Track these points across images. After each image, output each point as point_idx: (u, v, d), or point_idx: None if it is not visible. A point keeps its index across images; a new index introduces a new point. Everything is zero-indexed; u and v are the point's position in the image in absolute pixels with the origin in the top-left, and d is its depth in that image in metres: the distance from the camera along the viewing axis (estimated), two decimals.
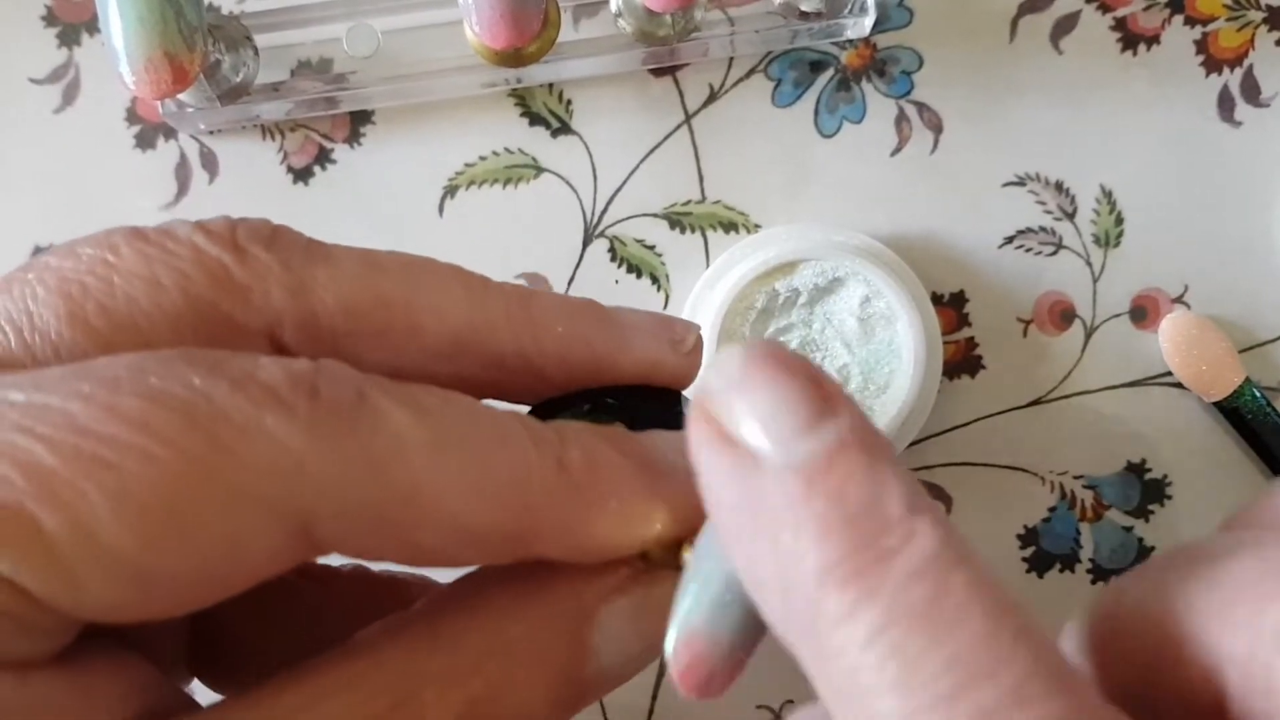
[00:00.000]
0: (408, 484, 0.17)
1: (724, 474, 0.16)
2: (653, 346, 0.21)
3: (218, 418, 0.16)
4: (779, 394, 0.16)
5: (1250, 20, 0.34)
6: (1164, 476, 0.34)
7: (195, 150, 0.33)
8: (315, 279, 0.19)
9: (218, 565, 0.16)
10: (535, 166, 0.33)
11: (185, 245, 0.19)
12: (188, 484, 0.15)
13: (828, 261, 0.31)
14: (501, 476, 0.17)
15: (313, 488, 0.16)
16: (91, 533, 0.15)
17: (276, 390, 0.16)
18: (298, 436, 0.16)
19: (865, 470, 0.15)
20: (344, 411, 0.16)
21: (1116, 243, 0.34)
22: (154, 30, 0.27)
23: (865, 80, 0.34)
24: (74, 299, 0.18)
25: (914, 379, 0.31)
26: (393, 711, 0.17)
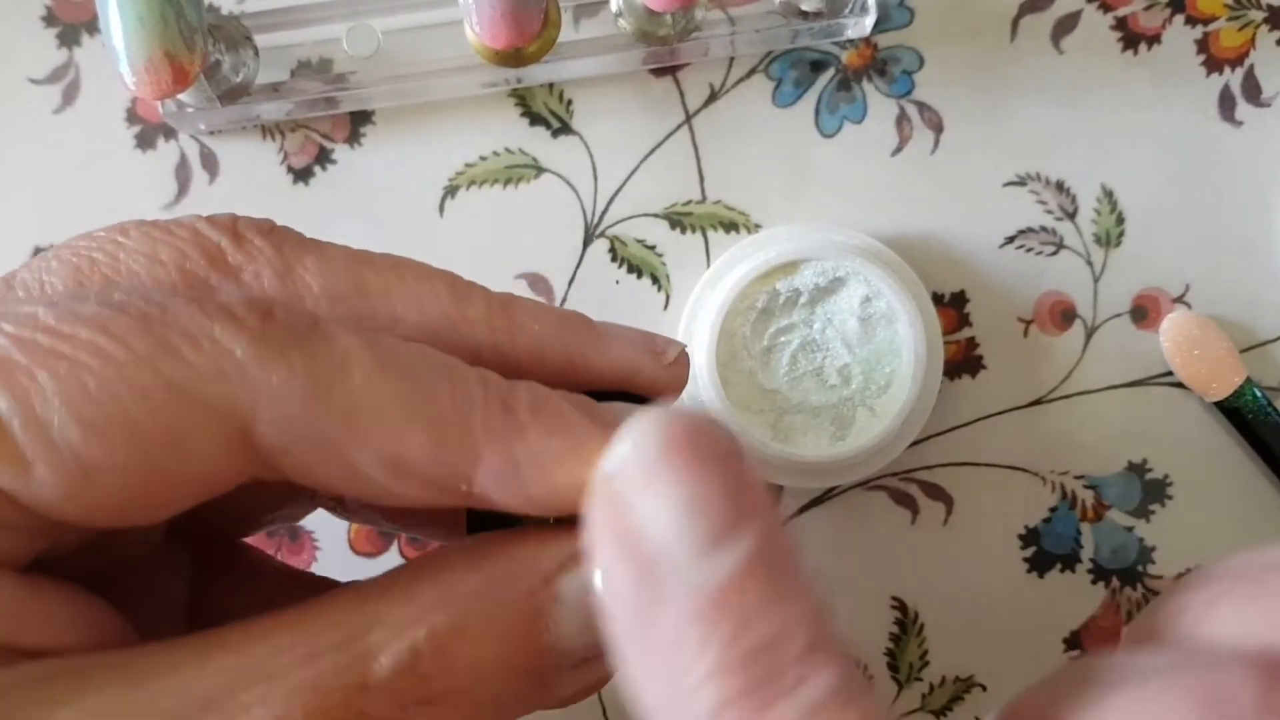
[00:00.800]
0: (346, 401, 0.17)
1: (623, 574, 0.16)
2: (631, 353, 0.22)
3: (170, 325, 0.17)
4: (692, 494, 0.15)
5: (1251, 20, 0.34)
6: (1165, 476, 0.34)
7: (195, 150, 0.33)
8: (304, 264, 0.20)
9: (159, 461, 0.17)
10: (536, 166, 0.33)
11: (187, 229, 0.20)
12: (133, 378, 0.16)
13: (828, 261, 0.31)
14: (443, 406, 0.18)
15: (252, 393, 0.17)
16: (40, 417, 0.16)
17: (231, 308, 0.17)
18: (244, 346, 0.17)
19: (771, 602, 0.15)
20: (295, 330, 0.17)
21: (1117, 242, 0.34)
22: (154, 30, 0.27)
23: (866, 80, 0.34)
24: (82, 271, 0.19)
25: (915, 379, 0.31)
26: (336, 650, 0.17)
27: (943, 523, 0.33)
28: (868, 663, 0.33)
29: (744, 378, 0.31)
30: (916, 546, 0.33)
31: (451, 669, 0.17)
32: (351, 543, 0.33)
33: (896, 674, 0.33)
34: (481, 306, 0.21)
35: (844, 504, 0.33)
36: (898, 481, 0.33)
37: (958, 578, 0.33)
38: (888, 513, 0.33)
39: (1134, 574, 0.34)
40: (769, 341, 0.32)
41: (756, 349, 0.32)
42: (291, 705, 0.16)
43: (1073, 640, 0.33)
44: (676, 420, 0.16)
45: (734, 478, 0.16)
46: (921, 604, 0.33)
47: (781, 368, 0.32)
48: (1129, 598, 0.34)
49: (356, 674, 0.17)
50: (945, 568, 0.33)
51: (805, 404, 0.32)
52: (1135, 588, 0.34)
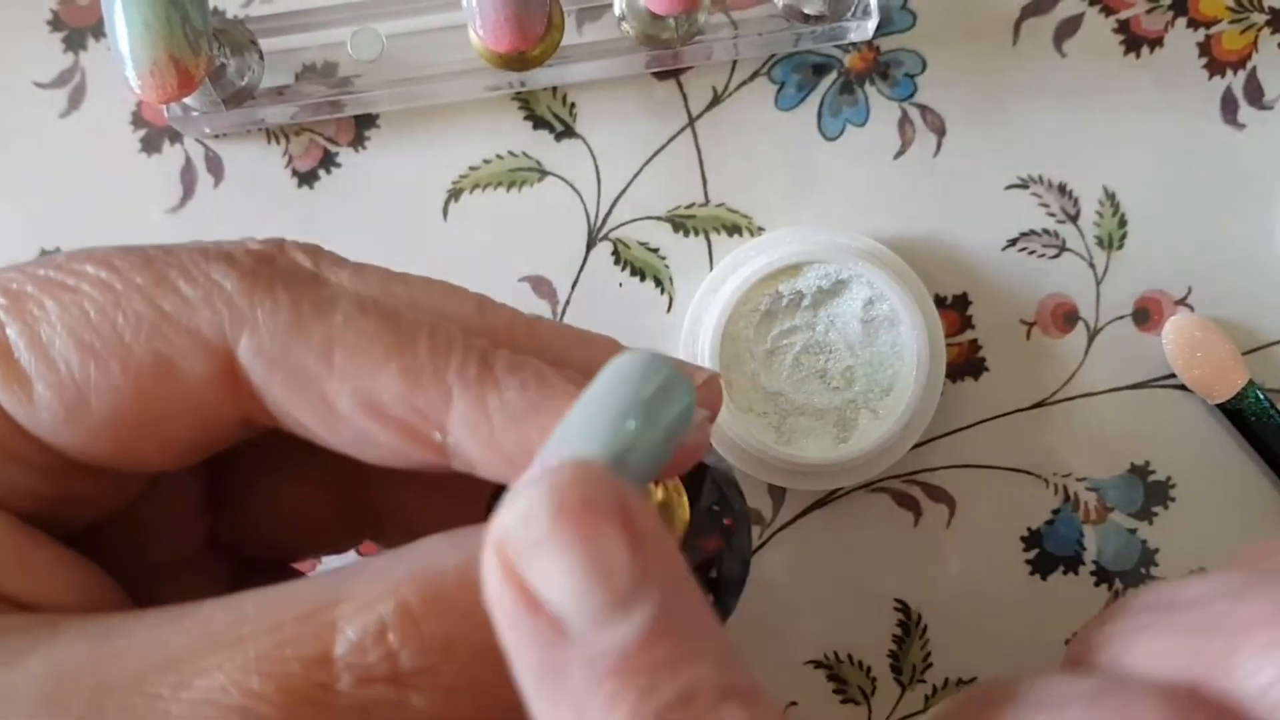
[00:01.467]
0: (325, 335, 0.18)
1: (526, 639, 0.15)
2: None
3: (171, 263, 0.18)
4: (587, 564, 0.15)
5: (1253, 23, 0.34)
6: (1167, 479, 0.34)
7: (200, 154, 0.33)
8: (340, 276, 0.20)
9: (150, 385, 0.18)
10: (539, 170, 0.34)
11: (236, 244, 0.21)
12: (128, 305, 0.18)
13: (831, 264, 0.31)
14: (420, 348, 0.18)
15: (238, 321, 0.18)
16: (43, 340, 0.18)
17: (231, 252, 0.19)
18: (234, 280, 0.18)
19: (677, 661, 0.15)
20: (289, 272, 0.19)
21: (1119, 245, 0.34)
22: (159, 35, 0.27)
23: (868, 83, 0.34)
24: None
25: (917, 381, 0.31)
26: (300, 621, 0.16)
27: (945, 525, 0.33)
28: (871, 665, 0.33)
29: (747, 380, 0.32)
30: (919, 549, 0.33)
31: (421, 645, 0.16)
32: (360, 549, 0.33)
33: (899, 676, 0.33)
34: (505, 321, 0.21)
35: (847, 506, 0.33)
36: (900, 484, 0.33)
37: (960, 580, 0.33)
38: (890, 515, 0.33)
39: (1137, 576, 0.34)
40: (772, 344, 0.32)
41: (760, 351, 0.32)
42: (249, 672, 0.16)
43: None
44: (567, 484, 0.15)
45: (629, 539, 0.15)
46: (924, 606, 0.33)
47: (785, 370, 0.32)
48: None
49: (320, 645, 0.16)
50: (948, 570, 0.33)
51: (808, 406, 0.32)
52: (1138, 590, 0.34)
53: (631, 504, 0.15)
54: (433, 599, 0.17)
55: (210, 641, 0.16)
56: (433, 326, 0.19)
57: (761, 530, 0.33)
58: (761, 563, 0.33)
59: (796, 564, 0.33)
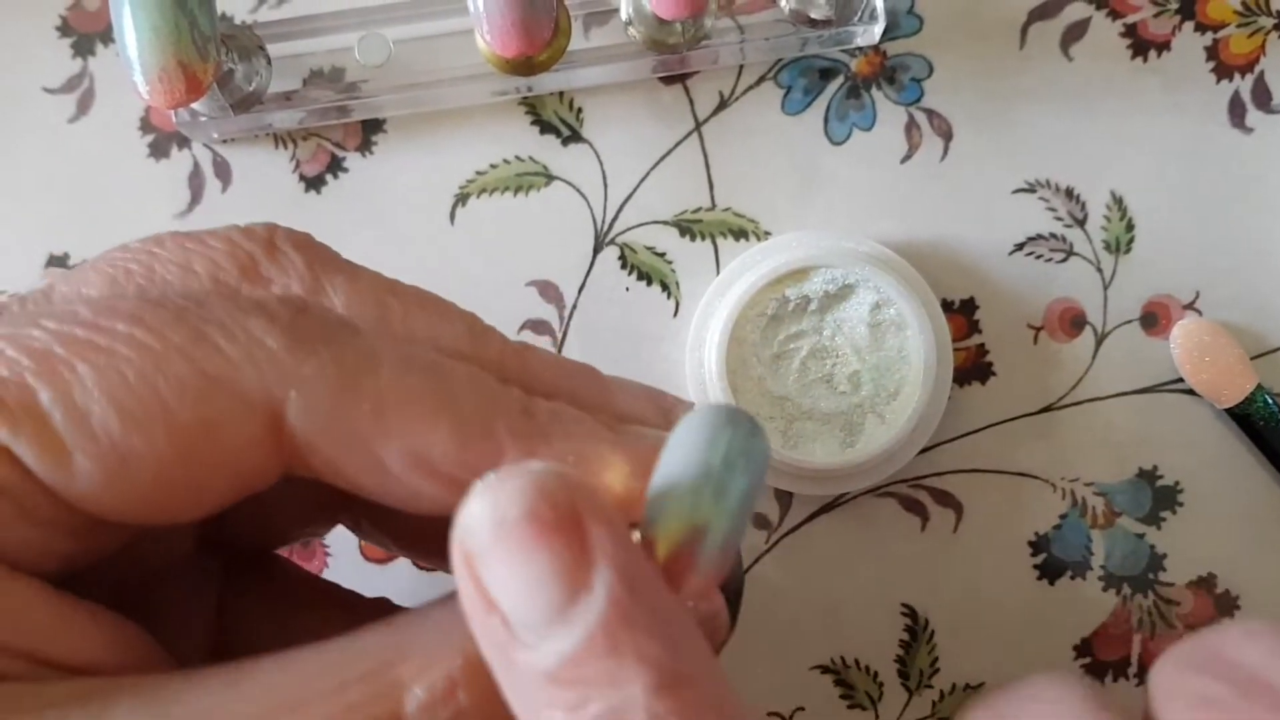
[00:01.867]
0: (374, 392, 0.17)
1: (484, 635, 0.16)
2: (638, 407, 0.22)
3: (206, 318, 0.17)
4: (529, 571, 0.15)
5: (1261, 26, 0.34)
6: (1175, 483, 0.34)
7: (208, 159, 0.33)
8: (333, 283, 0.20)
9: (195, 449, 0.17)
10: (546, 174, 0.34)
11: (222, 240, 0.20)
12: (169, 367, 0.17)
13: (838, 268, 0.31)
14: (467, 403, 0.18)
15: (284, 382, 0.17)
16: (81, 406, 0.16)
17: (264, 303, 0.18)
18: (276, 336, 0.17)
19: (610, 677, 0.15)
20: (325, 326, 0.18)
21: (1127, 249, 0.34)
22: (168, 40, 0.28)
23: (875, 87, 0.34)
24: (118, 282, 0.20)
25: (924, 386, 0.31)
26: (364, 680, 0.17)
27: (953, 530, 0.33)
28: (878, 670, 0.33)
29: (754, 384, 0.31)
30: (926, 553, 0.33)
31: (485, 698, 0.17)
32: (363, 549, 0.33)
33: (906, 681, 0.33)
34: (497, 349, 0.21)
35: (853, 511, 0.33)
36: (907, 488, 0.33)
37: (968, 585, 0.33)
38: (897, 520, 0.33)
39: (1145, 581, 0.34)
40: (779, 348, 0.32)
41: (766, 356, 0.32)
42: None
43: (1083, 648, 0.33)
44: (516, 489, 0.16)
45: (573, 549, 0.15)
46: (932, 611, 0.33)
47: (791, 374, 0.32)
48: (1140, 605, 0.34)
49: (388, 705, 0.17)
50: (955, 575, 0.33)
51: (815, 411, 0.32)
52: (1146, 595, 0.33)
53: (574, 510, 0.16)
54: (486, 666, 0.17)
55: (275, 706, 0.17)
56: (474, 377, 0.18)
57: (768, 535, 0.33)
58: (768, 568, 0.33)
59: (803, 569, 0.33)
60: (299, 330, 0.18)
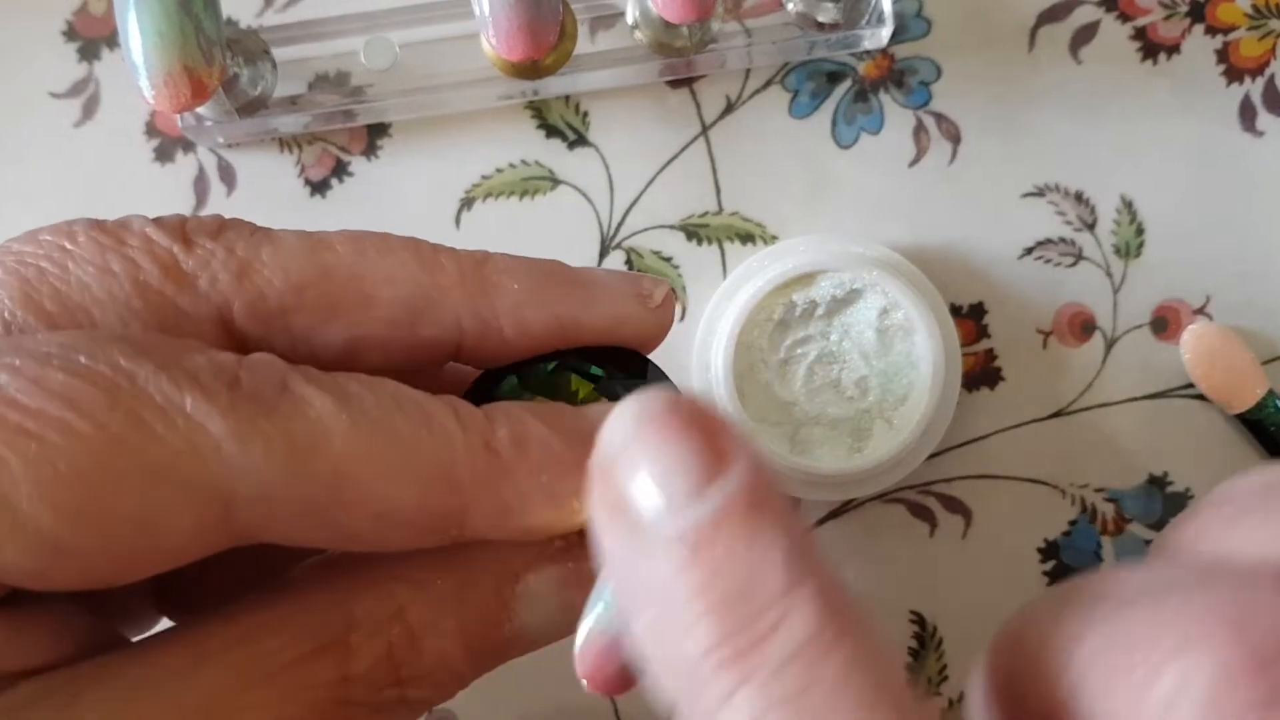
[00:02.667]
0: (329, 467, 0.17)
1: (617, 543, 0.17)
2: (618, 302, 0.21)
3: (140, 396, 0.16)
4: (669, 456, 0.16)
5: (1271, 29, 0.34)
6: (1186, 490, 0.33)
7: (213, 163, 0.33)
8: (259, 259, 0.19)
9: (132, 542, 0.16)
10: (552, 178, 0.33)
11: (137, 236, 0.19)
12: (105, 458, 0.16)
13: (846, 273, 0.31)
14: (426, 458, 0.17)
15: (231, 470, 0.16)
16: (8, 499, 0.15)
17: (199, 376, 0.17)
18: (217, 420, 0.16)
19: (746, 541, 0.15)
20: (265, 398, 0.17)
21: (1137, 253, 0.33)
22: (173, 44, 0.28)
23: (883, 91, 0.34)
24: (30, 281, 0.19)
25: (933, 391, 0.31)
26: (318, 652, 0.18)
27: (961, 536, 0.33)
28: None
29: (761, 390, 0.31)
30: (935, 560, 0.33)
31: (421, 659, 0.18)
32: None
33: (915, 689, 0.33)
34: (453, 271, 0.20)
35: (862, 517, 0.33)
36: (916, 494, 0.33)
37: (977, 591, 0.33)
38: (906, 526, 0.33)
39: None
40: (786, 353, 0.32)
41: (773, 361, 0.31)
42: (285, 707, 0.17)
43: None
44: (650, 397, 0.17)
45: (705, 439, 0.16)
46: (940, 618, 0.33)
47: (799, 380, 0.31)
48: None
49: (339, 671, 0.18)
50: (964, 581, 0.33)
51: (823, 416, 0.31)
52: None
53: (707, 414, 0.16)
54: (430, 625, 0.18)
55: (239, 682, 0.17)
56: (428, 421, 0.18)
57: None
58: None
59: None
60: (238, 407, 0.16)
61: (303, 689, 0.17)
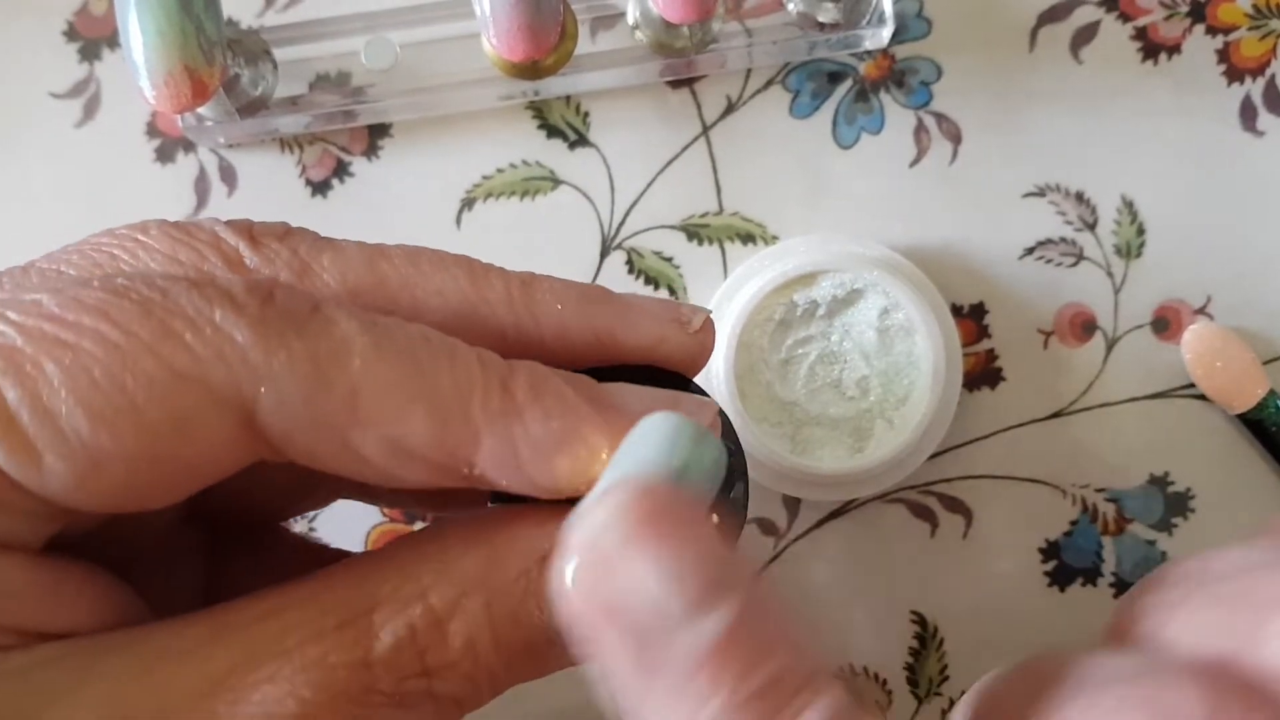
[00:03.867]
0: (347, 383, 0.17)
1: (619, 644, 0.17)
2: (656, 325, 0.22)
3: (171, 309, 0.17)
4: (675, 563, 0.16)
5: (1272, 29, 0.34)
6: (1187, 489, 0.33)
7: (214, 164, 0.33)
8: (320, 263, 0.20)
9: (165, 445, 0.17)
10: (553, 179, 0.33)
11: (207, 232, 0.20)
12: (137, 365, 0.17)
13: (846, 273, 0.31)
14: (442, 387, 0.18)
15: (255, 377, 0.17)
16: (48, 407, 0.16)
17: (231, 292, 0.17)
18: (244, 330, 0.17)
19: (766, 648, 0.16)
20: (295, 315, 0.18)
21: (1138, 253, 0.33)
22: (174, 45, 0.28)
23: (883, 91, 0.34)
24: (102, 267, 0.20)
25: (933, 391, 0.31)
26: (340, 629, 0.18)
27: (962, 536, 0.33)
28: (887, 677, 0.33)
29: (762, 390, 0.31)
30: (936, 560, 0.33)
31: (446, 645, 0.18)
32: None
33: (916, 689, 0.33)
34: (501, 288, 0.21)
35: (862, 517, 0.33)
36: (916, 494, 0.33)
37: (977, 591, 0.33)
38: (906, 526, 0.33)
39: None
40: (787, 354, 0.32)
41: (774, 361, 0.31)
42: (299, 683, 0.17)
43: None
44: (638, 496, 0.16)
45: (708, 541, 0.16)
46: (941, 618, 0.33)
47: (799, 380, 0.31)
48: None
49: (360, 651, 0.17)
50: (965, 581, 0.33)
51: (823, 416, 0.31)
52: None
53: (700, 511, 0.17)
54: (455, 606, 0.18)
55: (256, 655, 0.17)
56: (451, 356, 0.18)
57: (776, 541, 0.33)
58: (776, 574, 0.33)
59: (812, 575, 0.33)
60: (268, 320, 0.17)
61: (322, 667, 0.17)
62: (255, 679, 0.17)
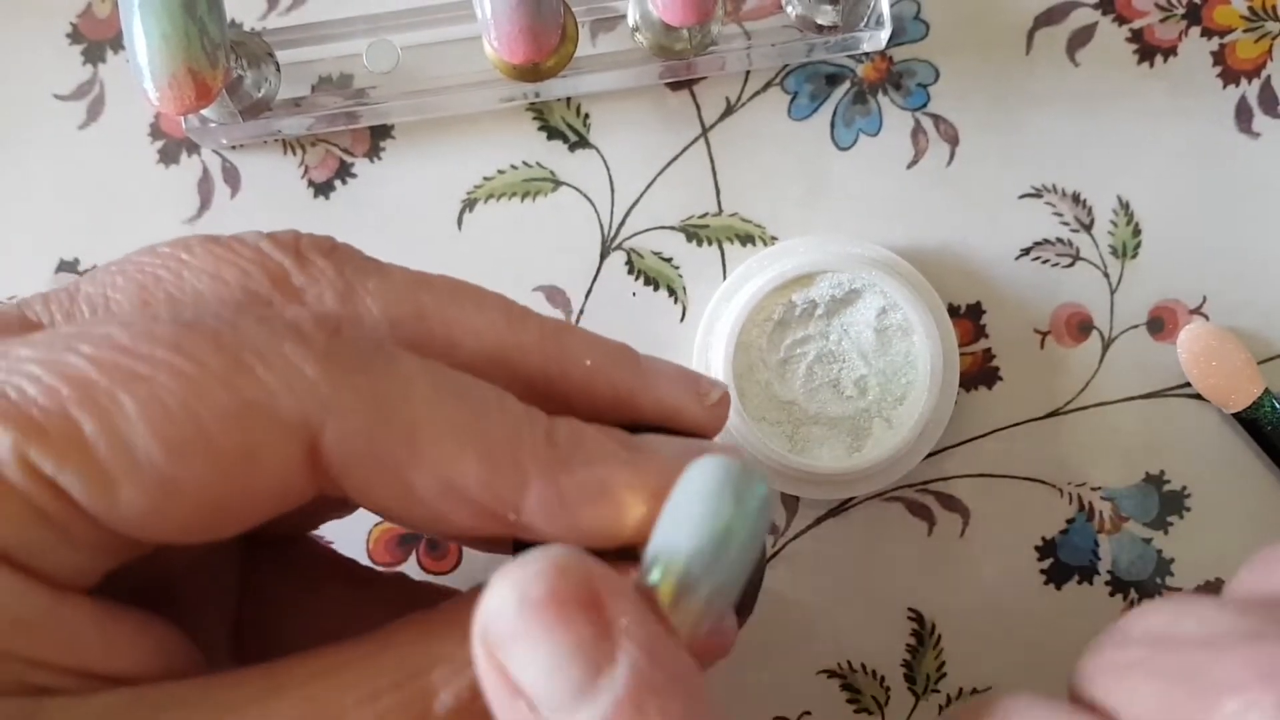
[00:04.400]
0: (408, 421, 0.18)
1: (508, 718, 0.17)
2: (676, 393, 0.22)
3: (242, 343, 0.17)
4: (552, 652, 0.16)
5: (1268, 31, 0.34)
6: (1183, 488, 0.34)
7: (217, 165, 0.34)
8: (365, 286, 0.20)
9: (236, 475, 0.17)
10: (553, 180, 0.34)
11: (251, 249, 0.20)
12: (210, 396, 0.17)
13: (844, 273, 0.31)
14: (495, 433, 0.18)
15: (321, 409, 0.17)
16: (124, 438, 0.16)
17: (299, 325, 0.18)
18: (312, 363, 0.17)
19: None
20: (360, 350, 0.18)
21: (1134, 254, 0.34)
22: (178, 47, 0.28)
23: (881, 93, 0.34)
24: (147, 288, 0.20)
25: (931, 391, 0.31)
26: (397, 688, 0.18)
27: (959, 534, 0.33)
28: (885, 674, 0.33)
29: (760, 389, 0.32)
30: (933, 558, 0.33)
31: None
32: (370, 553, 0.33)
33: (913, 686, 0.33)
34: (535, 334, 0.21)
35: (860, 515, 0.33)
36: (914, 493, 0.33)
37: (974, 590, 0.33)
38: (904, 524, 0.33)
39: (1152, 586, 0.33)
40: (785, 353, 0.32)
41: (773, 361, 0.32)
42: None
43: None
44: (538, 572, 0.16)
45: (594, 626, 0.16)
46: (938, 616, 0.33)
47: (798, 379, 0.32)
48: None
49: (419, 710, 0.18)
50: (962, 580, 0.33)
51: (822, 415, 0.32)
52: (1153, 600, 0.33)
53: (594, 588, 0.16)
54: None
55: (315, 714, 0.17)
56: (501, 404, 0.19)
57: (775, 539, 0.33)
58: (774, 572, 0.33)
59: (810, 573, 0.33)
60: (334, 356, 0.18)
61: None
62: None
